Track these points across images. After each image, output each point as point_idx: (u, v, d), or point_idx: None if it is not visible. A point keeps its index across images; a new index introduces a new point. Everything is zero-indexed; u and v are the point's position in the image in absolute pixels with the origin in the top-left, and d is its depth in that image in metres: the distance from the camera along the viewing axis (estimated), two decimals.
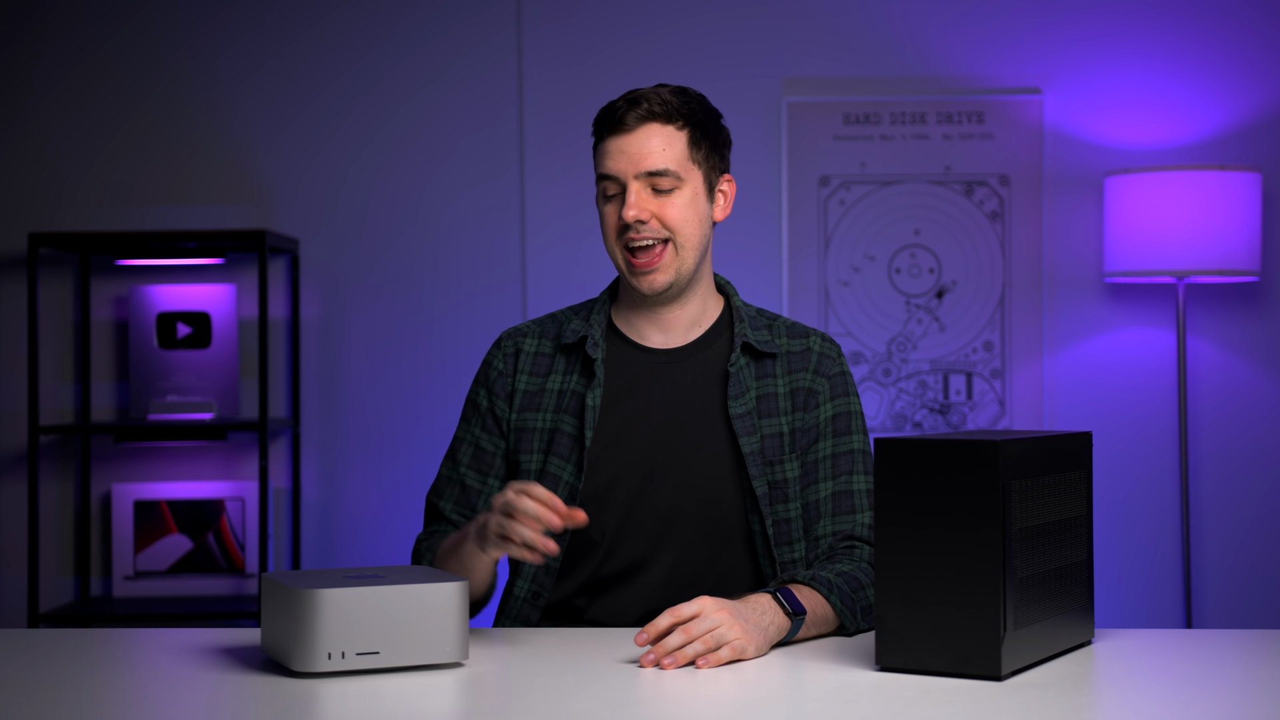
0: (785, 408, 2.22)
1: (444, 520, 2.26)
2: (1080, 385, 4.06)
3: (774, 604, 1.94)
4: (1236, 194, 3.80)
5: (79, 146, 4.12)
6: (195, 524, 4.03)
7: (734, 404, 2.19)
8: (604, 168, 2.18)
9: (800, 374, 2.23)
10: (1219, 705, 1.63)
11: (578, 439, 2.19)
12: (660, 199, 2.17)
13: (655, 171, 2.16)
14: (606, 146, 2.18)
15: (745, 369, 2.22)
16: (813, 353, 2.25)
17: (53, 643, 1.99)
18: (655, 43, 4.09)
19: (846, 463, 2.21)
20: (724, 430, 2.19)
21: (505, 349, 2.29)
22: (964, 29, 4.08)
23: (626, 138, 2.17)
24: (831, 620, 2.03)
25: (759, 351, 2.23)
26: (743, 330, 2.23)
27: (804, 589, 2.01)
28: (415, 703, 1.64)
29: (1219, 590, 4.05)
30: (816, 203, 4.07)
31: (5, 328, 4.12)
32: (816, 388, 2.23)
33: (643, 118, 2.17)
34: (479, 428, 2.27)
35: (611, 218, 2.19)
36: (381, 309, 4.11)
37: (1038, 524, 1.78)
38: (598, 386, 2.20)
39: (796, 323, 2.30)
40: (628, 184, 2.16)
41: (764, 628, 1.90)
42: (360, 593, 1.74)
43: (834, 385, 2.24)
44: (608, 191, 2.19)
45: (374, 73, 4.12)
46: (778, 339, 2.26)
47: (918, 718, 1.56)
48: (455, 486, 2.26)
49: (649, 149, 2.16)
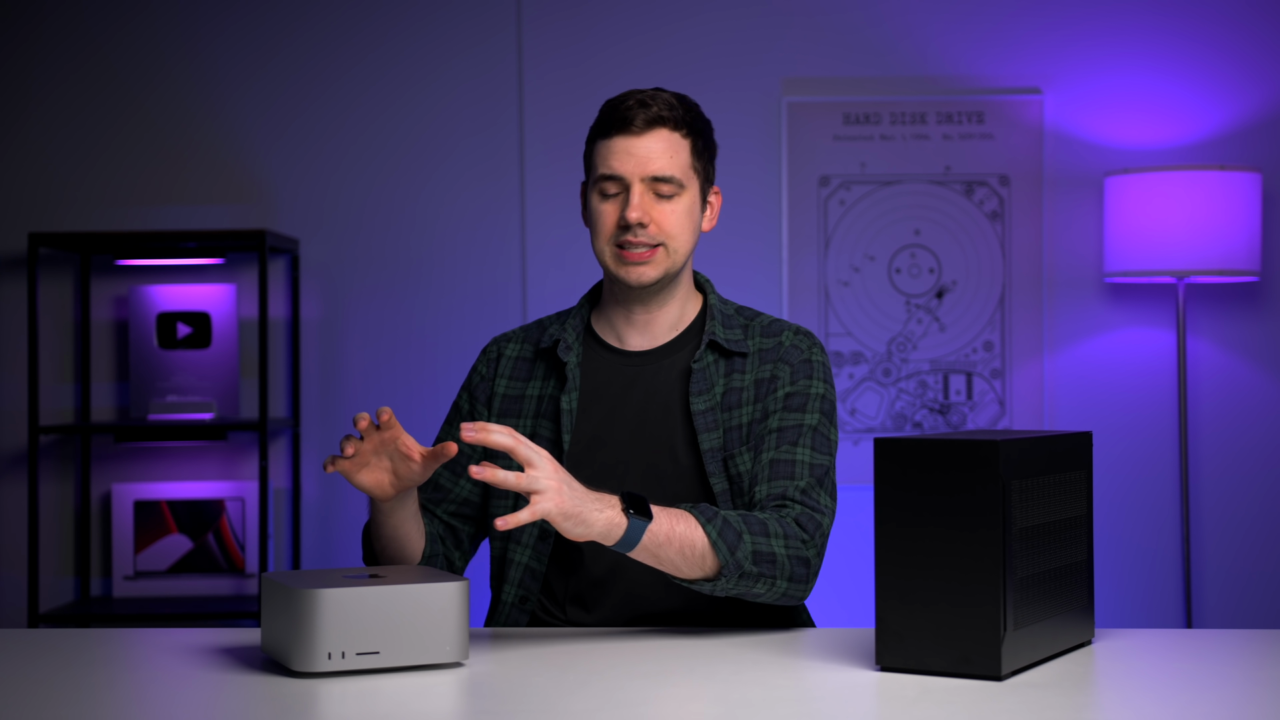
0: (748, 398, 2.19)
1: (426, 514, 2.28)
2: (1080, 385, 4.06)
3: (617, 501, 1.90)
4: (1236, 194, 3.80)
5: (79, 146, 4.12)
6: (195, 524, 4.03)
7: (695, 400, 2.18)
8: (608, 167, 2.17)
9: (766, 365, 2.21)
10: (1219, 705, 1.63)
11: (555, 443, 2.20)
12: (660, 205, 2.17)
13: (661, 177, 2.16)
14: (612, 146, 2.17)
15: (712, 366, 2.21)
16: (782, 346, 2.22)
17: (53, 643, 1.99)
18: (655, 43, 4.09)
19: (793, 435, 2.15)
20: (689, 428, 2.19)
21: (489, 354, 2.31)
22: (964, 29, 4.08)
23: (635, 139, 2.16)
24: (700, 550, 1.95)
25: (728, 350, 2.22)
26: (712, 328, 2.22)
27: (677, 511, 1.96)
28: (415, 703, 1.64)
29: (1219, 590, 4.05)
30: (816, 203, 4.07)
31: (5, 328, 4.12)
32: (778, 373, 2.20)
33: (652, 121, 2.17)
34: (458, 430, 2.28)
35: (610, 217, 2.18)
36: (381, 309, 4.11)
37: (1038, 524, 1.78)
38: (572, 390, 2.21)
39: (776, 320, 2.27)
40: (632, 185, 2.16)
41: (586, 511, 1.85)
42: (360, 593, 1.74)
43: (795, 370, 2.20)
44: (607, 190, 2.18)
45: (374, 73, 4.12)
46: (751, 338, 2.24)
47: (918, 718, 1.56)
48: (429, 483, 2.28)
49: (656, 153, 2.16)
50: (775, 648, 1.93)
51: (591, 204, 2.20)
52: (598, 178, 2.19)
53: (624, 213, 2.15)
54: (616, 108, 2.18)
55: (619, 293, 2.23)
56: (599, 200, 2.19)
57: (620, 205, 2.17)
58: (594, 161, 2.21)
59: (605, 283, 2.27)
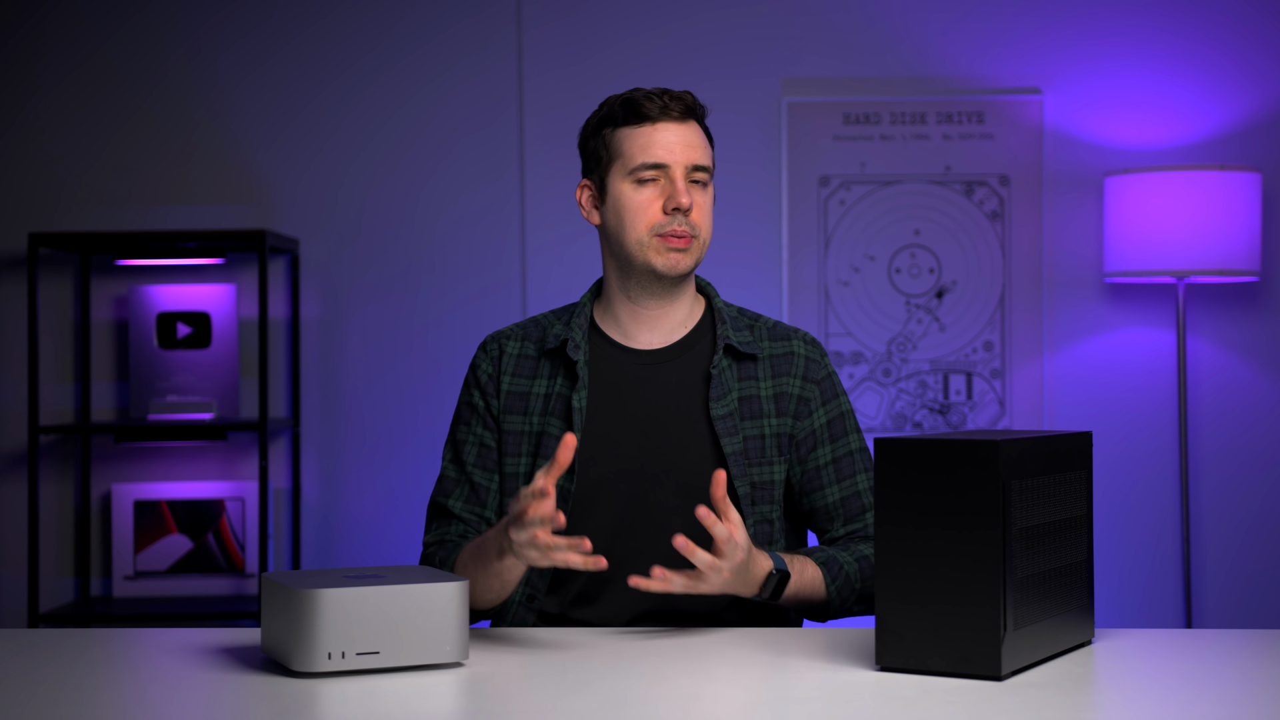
0: (769, 410, 2.23)
1: (454, 519, 2.25)
2: (1080, 385, 4.06)
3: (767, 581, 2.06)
4: (1236, 194, 3.80)
5: (79, 146, 4.12)
6: (195, 524, 4.03)
7: (715, 405, 2.20)
8: (650, 155, 2.17)
9: (785, 379, 2.25)
10: (1219, 705, 1.63)
11: None
12: (696, 193, 2.19)
13: (700, 166, 2.20)
14: (654, 134, 2.18)
15: (727, 370, 2.23)
16: (797, 356, 2.27)
17: (53, 643, 1.99)
18: (655, 43, 4.09)
19: (848, 465, 2.26)
20: (707, 431, 2.20)
21: (490, 351, 2.29)
22: (964, 29, 4.08)
23: (679, 127, 2.18)
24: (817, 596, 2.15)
25: (741, 353, 2.24)
26: (725, 332, 2.24)
27: (809, 564, 2.13)
28: (415, 703, 1.64)
29: (1219, 590, 4.05)
30: (816, 203, 4.07)
31: (5, 328, 4.12)
32: (807, 394, 2.25)
33: (687, 112, 2.20)
34: (480, 426, 2.27)
35: (653, 205, 2.17)
36: (381, 309, 4.11)
37: (1038, 524, 1.78)
38: (582, 389, 2.21)
39: (778, 323, 2.31)
40: (675, 172, 2.17)
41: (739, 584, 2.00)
42: (360, 593, 1.74)
43: (824, 390, 2.27)
44: (644, 178, 2.18)
45: (374, 73, 4.12)
46: (760, 341, 2.27)
47: (918, 718, 1.56)
48: (464, 485, 2.26)
49: (696, 143, 2.20)
50: (775, 648, 1.93)
51: (622, 194, 2.19)
52: (636, 166, 2.18)
53: (670, 199, 2.16)
54: (649, 97, 2.19)
55: (634, 287, 2.23)
56: (632, 189, 2.19)
57: (661, 192, 2.17)
58: (624, 150, 2.19)
59: (613, 278, 2.26)
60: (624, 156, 2.19)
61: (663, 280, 2.20)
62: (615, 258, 2.23)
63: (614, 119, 2.21)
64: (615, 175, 2.20)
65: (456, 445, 2.29)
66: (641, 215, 2.18)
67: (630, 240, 2.19)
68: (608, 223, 2.22)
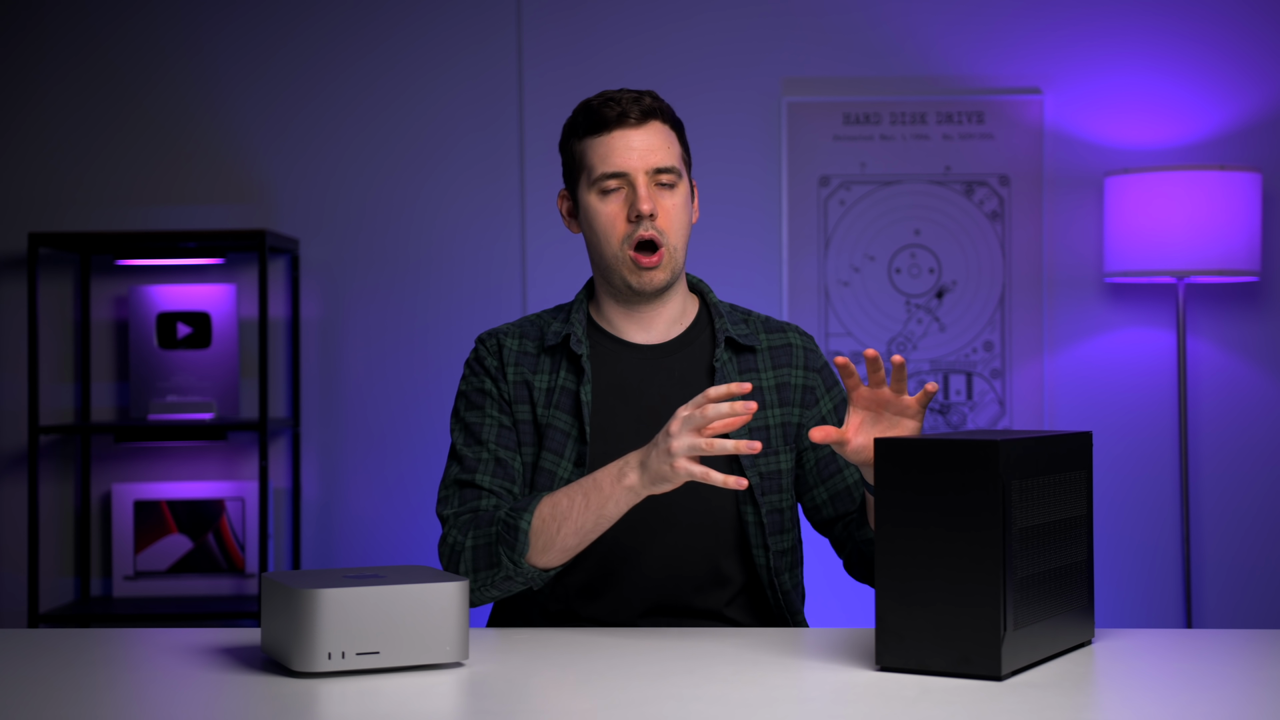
0: (772, 401, 2.25)
1: (483, 492, 2.18)
2: (1080, 385, 4.06)
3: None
4: (1236, 194, 3.80)
5: (79, 146, 4.12)
6: (195, 524, 4.03)
7: None
8: (609, 164, 2.15)
9: (785, 369, 2.28)
10: (1219, 705, 1.63)
11: (573, 434, 2.19)
12: (663, 196, 2.17)
13: (663, 168, 2.17)
14: (611, 142, 2.16)
15: (729, 363, 2.24)
16: (795, 347, 2.30)
17: (53, 643, 1.99)
18: (655, 43, 4.09)
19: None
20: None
21: (489, 345, 2.27)
22: (964, 29, 4.08)
23: (636, 132, 2.16)
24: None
25: (740, 346, 2.26)
26: (723, 326, 2.26)
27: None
28: (415, 703, 1.64)
29: (1219, 590, 4.05)
30: (816, 203, 4.07)
31: (5, 328, 4.12)
32: (811, 383, 2.29)
33: (647, 114, 2.17)
34: (495, 410, 2.22)
35: (618, 215, 2.16)
36: (381, 309, 4.11)
37: (1038, 524, 1.78)
38: (588, 382, 2.21)
39: (770, 318, 2.33)
40: (637, 179, 2.15)
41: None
42: (360, 593, 1.74)
43: (825, 378, 2.31)
44: (607, 188, 2.18)
45: (374, 73, 4.12)
46: (756, 334, 2.29)
47: (918, 718, 1.56)
48: (489, 462, 2.19)
49: (657, 144, 2.17)
50: (775, 648, 1.93)
51: (590, 206, 2.19)
52: (598, 177, 2.17)
53: (633, 206, 2.14)
54: (607, 103, 2.17)
55: (622, 293, 2.23)
56: (599, 201, 2.18)
57: (625, 201, 2.16)
58: (586, 162, 2.19)
59: (601, 283, 2.26)
60: (588, 168, 2.19)
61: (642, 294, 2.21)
62: (597, 268, 2.24)
63: (577, 128, 2.21)
64: (583, 187, 2.20)
65: (470, 429, 2.22)
66: (611, 229, 2.17)
67: (606, 255, 2.19)
68: (585, 234, 2.23)
